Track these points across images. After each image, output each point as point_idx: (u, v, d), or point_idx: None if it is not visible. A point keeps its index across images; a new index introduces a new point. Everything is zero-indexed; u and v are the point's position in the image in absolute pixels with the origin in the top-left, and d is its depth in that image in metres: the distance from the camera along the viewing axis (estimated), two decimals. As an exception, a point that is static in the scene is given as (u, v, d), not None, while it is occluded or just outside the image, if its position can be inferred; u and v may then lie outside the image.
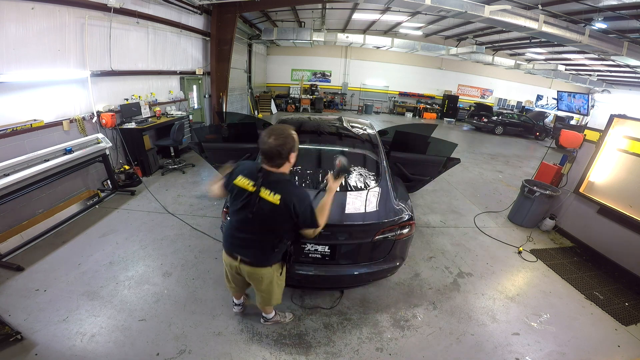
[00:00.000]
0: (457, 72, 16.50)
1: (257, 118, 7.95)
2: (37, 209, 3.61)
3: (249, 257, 1.84)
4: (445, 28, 11.71)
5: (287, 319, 2.46)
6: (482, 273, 3.34)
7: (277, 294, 2.07)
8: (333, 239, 2.30)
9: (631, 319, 2.84)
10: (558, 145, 8.43)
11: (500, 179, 6.89)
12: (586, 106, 11.17)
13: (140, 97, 5.44)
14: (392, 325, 2.53)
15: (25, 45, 3.39)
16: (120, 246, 3.29)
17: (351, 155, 2.99)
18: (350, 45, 13.88)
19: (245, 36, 11.20)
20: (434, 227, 4.28)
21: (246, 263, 1.85)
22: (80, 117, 4.16)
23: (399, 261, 2.54)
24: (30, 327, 2.22)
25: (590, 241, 3.93)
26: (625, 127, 3.65)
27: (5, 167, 3.01)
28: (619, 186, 3.66)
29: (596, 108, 15.08)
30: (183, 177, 5.45)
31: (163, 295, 2.65)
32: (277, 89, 15.58)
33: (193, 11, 6.74)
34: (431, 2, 5.85)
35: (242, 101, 11.49)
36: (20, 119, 3.43)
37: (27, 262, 2.91)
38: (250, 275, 1.90)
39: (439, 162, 3.49)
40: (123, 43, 4.94)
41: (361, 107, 16.28)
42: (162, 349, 2.15)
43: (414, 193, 4.89)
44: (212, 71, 7.66)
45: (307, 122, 3.62)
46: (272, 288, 1.99)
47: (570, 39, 6.69)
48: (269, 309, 2.29)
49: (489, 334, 2.51)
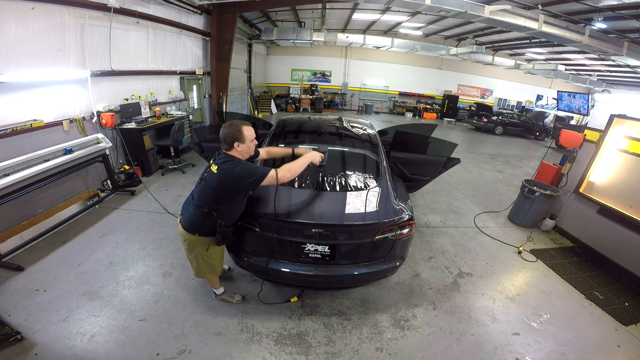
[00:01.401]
0: (457, 72, 16.52)
1: (257, 118, 7.96)
2: (37, 209, 3.61)
3: (183, 220, 2.12)
4: (445, 28, 11.71)
5: (235, 300, 2.60)
6: (482, 273, 3.34)
7: (202, 268, 2.26)
8: (333, 239, 2.30)
9: (631, 319, 2.84)
10: (558, 145, 8.43)
11: (500, 179, 6.89)
12: (586, 106, 11.17)
13: (140, 97, 5.44)
14: (392, 325, 2.53)
15: (26, 45, 3.39)
16: (120, 246, 3.30)
17: (351, 155, 2.99)
18: (350, 45, 13.89)
19: (245, 36, 11.20)
20: (434, 227, 4.28)
21: (181, 225, 2.13)
22: (80, 117, 4.16)
23: (399, 261, 2.53)
24: (30, 327, 2.22)
25: (590, 241, 3.93)
26: (625, 127, 3.65)
27: (5, 167, 3.00)
28: (619, 186, 3.66)
29: (596, 108, 15.09)
30: (183, 177, 5.45)
31: (163, 295, 2.65)
32: (277, 89, 15.58)
33: (193, 11, 6.75)
34: (431, 2, 5.86)
35: (242, 101, 11.49)
36: (20, 119, 3.43)
37: (27, 262, 2.91)
38: (180, 237, 2.17)
39: (439, 162, 3.49)
40: (123, 43, 4.94)
41: (361, 107, 16.29)
42: (162, 349, 2.15)
43: (414, 193, 4.88)
44: (212, 71, 7.66)
45: (307, 122, 3.62)
46: (197, 260, 2.20)
47: (570, 39, 6.69)
48: (211, 282, 2.50)
49: (489, 334, 2.51)
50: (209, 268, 2.28)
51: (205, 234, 2.08)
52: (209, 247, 2.17)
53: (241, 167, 1.90)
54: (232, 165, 1.89)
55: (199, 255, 2.18)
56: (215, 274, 2.38)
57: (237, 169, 1.89)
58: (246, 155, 2.04)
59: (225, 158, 1.96)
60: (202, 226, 2.06)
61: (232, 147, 1.96)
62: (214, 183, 1.93)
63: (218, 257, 2.29)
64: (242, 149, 1.98)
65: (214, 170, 1.93)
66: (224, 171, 1.89)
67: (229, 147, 1.97)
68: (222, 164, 1.91)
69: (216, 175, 1.91)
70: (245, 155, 2.04)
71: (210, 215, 2.00)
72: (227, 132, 1.94)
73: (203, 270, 2.29)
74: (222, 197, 1.98)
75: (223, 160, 1.94)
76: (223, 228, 2.04)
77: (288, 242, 2.31)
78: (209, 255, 2.20)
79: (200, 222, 2.03)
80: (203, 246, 2.16)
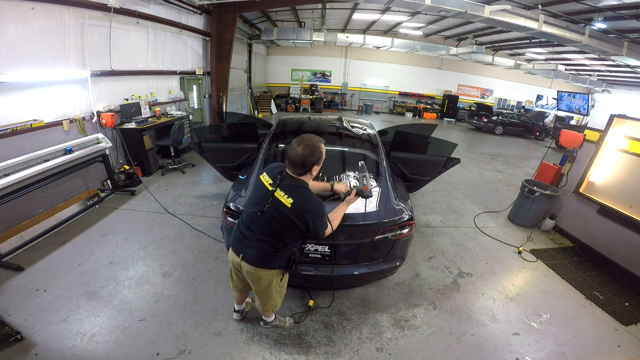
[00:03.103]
0: (457, 72, 16.51)
1: (257, 118, 7.96)
2: (37, 209, 3.61)
3: (249, 255, 1.82)
4: (445, 28, 11.71)
5: (287, 324, 2.42)
6: (482, 273, 3.34)
7: (276, 300, 2.05)
8: (333, 239, 2.30)
9: (631, 319, 2.84)
10: (558, 145, 8.42)
11: (500, 179, 6.89)
12: (586, 106, 11.18)
13: (140, 97, 5.44)
14: (392, 325, 2.53)
15: (26, 45, 3.39)
16: (120, 246, 3.29)
17: (351, 155, 2.99)
18: (350, 45, 13.88)
19: (245, 36, 11.20)
20: (434, 227, 4.28)
21: (247, 262, 1.83)
22: (80, 117, 4.16)
23: (399, 261, 2.54)
24: (30, 327, 2.22)
25: (590, 241, 3.93)
26: (625, 127, 3.65)
27: (5, 167, 3.00)
28: (619, 186, 3.66)
29: (596, 108, 15.08)
30: (183, 177, 5.45)
31: (163, 295, 2.65)
32: (277, 89, 15.57)
33: (193, 11, 6.74)
34: (431, 2, 5.85)
35: (242, 101, 11.48)
36: (20, 119, 3.42)
37: (27, 262, 2.91)
38: (249, 275, 1.89)
39: (439, 162, 3.49)
40: (123, 43, 4.94)
41: (361, 107, 16.28)
42: (162, 349, 2.15)
43: (414, 193, 4.88)
44: (212, 71, 7.66)
45: (307, 122, 3.62)
46: (271, 293, 1.97)
47: (570, 39, 6.69)
48: (268, 313, 2.25)
49: (489, 334, 2.51)
50: (280, 296, 2.08)
51: (281, 266, 1.88)
52: (282, 277, 1.97)
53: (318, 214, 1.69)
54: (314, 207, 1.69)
55: (273, 287, 1.95)
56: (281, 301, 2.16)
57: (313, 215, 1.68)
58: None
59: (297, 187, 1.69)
60: (280, 259, 1.85)
61: (310, 172, 1.69)
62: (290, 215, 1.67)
63: (286, 282, 2.09)
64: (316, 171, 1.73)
65: (286, 203, 1.65)
66: (314, 206, 1.68)
67: (305, 172, 1.69)
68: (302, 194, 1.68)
69: (291, 209, 1.65)
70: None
71: (287, 246, 1.82)
72: (306, 153, 1.64)
73: (275, 302, 2.07)
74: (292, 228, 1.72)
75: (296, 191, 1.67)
76: (297, 255, 1.90)
77: None
78: (282, 284, 2.02)
79: (276, 256, 1.83)
80: (277, 277, 1.94)
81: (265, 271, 1.85)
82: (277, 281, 1.95)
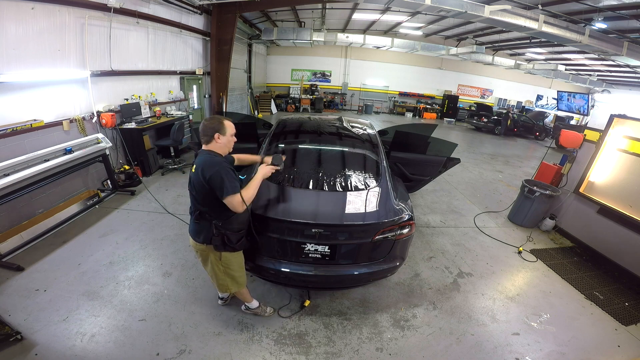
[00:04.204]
0: (457, 72, 16.50)
1: (257, 118, 7.96)
2: (37, 209, 3.61)
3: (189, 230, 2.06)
4: (445, 28, 11.70)
5: (267, 313, 2.51)
6: (482, 273, 3.34)
7: (225, 281, 2.12)
8: (333, 238, 2.30)
9: (631, 319, 2.84)
10: (558, 145, 8.43)
11: (500, 179, 6.89)
12: (586, 106, 11.18)
13: (140, 97, 5.44)
14: (392, 325, 2.53)
15: (25, 45, 3.39)
16: (120, 246, 3.29)
17: (351, 155, 2.99)
18: (350, 45, 13.88)
19: (245, 36, 11.20)
20: (434, 227, 4.28)
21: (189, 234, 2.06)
22: (80, 117, 4.16)
23: (399, 261, 2.53)
24: (30, 327, 2.22)
25: (590, 241, 3.93)
26: (625, 127, 3.65)
27: (5, 167, 3.00)
28: (619, 186, 3.66)
29: (596, 108, 15.07)
30: (183, 177, 5.45)
31: (163, 295, 2.65)
32: (277, 89, 15.57)
33: (193, 11, 6.74)
34: (431, 2, 5.85)
35: (242, 101, 11.48)
36: (20, 119, 3.43)
37: (27, 262, 2.91)
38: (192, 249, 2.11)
39: (439, 162, 3.49)
40: (123, 43, 4.94)
41: (361, 107, 16.28)
42: (162, 349, 2.15)
43: (414, 193, 4.89)
44: (212, 71, 7.66)
45: (307, 122, 3.62)
46: (215, 272, 2.09)
47: (570, 39, 6.68)
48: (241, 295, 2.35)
49: (489, 334, 2.51)
50: (230, 280, 2.11)
51: (207, 239, 1.95)
52: (221, 255, 2.01)
53: (214, 172, 1.75)
54: (209, 165, 1.78)
55: (214, 265, 2.04)
56: (239, 286, 2.19)
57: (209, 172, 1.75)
58: (225, 150, 1.94)
59: (202, 153, 1.87)
60: (202, 231, 1.95)
61: (213, 138, 1.86)
62: (197, 179, 1.82)
63: (236, 265, 2.10)
64: (223, 141, 1.88)
65: (192, 170, 1.86)
66: (200, 168, 1.78)
67: (209, 140, 1.87)
68: (201, 158, 1.83)
69: (194, 174, 1.83)
70: (225, 150, 1.94)
71: (203, 217, 1.91)
72: (207, 123, 1.88)
73: (225, 284, 2.12)
74: (204, 196, 1.85)
75: (200, 157, 1.85)
76: (221, 230, 1.91)
77: (288, 242, 2.31)
78: (225, 264, 2.04)
79: (197, 226, 1.95)
80: (215, 256, 2.01)
81: (199, 245, 2.01)
82: (216, 260, 2.03)
